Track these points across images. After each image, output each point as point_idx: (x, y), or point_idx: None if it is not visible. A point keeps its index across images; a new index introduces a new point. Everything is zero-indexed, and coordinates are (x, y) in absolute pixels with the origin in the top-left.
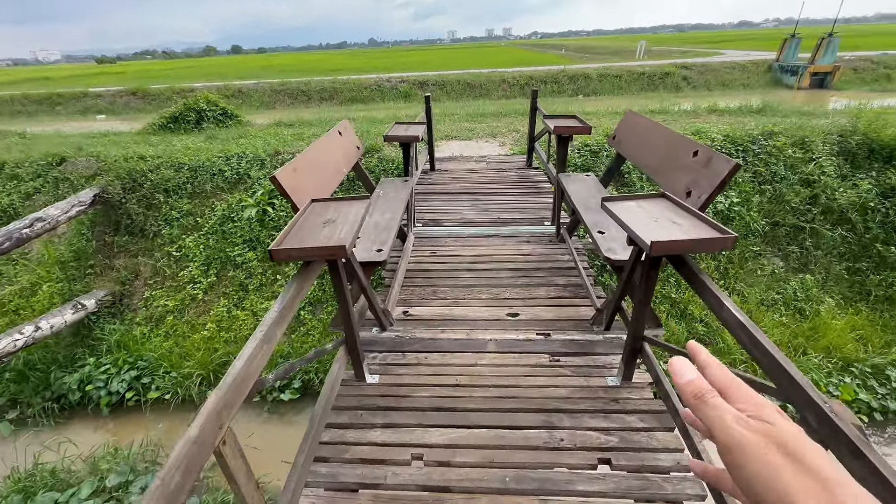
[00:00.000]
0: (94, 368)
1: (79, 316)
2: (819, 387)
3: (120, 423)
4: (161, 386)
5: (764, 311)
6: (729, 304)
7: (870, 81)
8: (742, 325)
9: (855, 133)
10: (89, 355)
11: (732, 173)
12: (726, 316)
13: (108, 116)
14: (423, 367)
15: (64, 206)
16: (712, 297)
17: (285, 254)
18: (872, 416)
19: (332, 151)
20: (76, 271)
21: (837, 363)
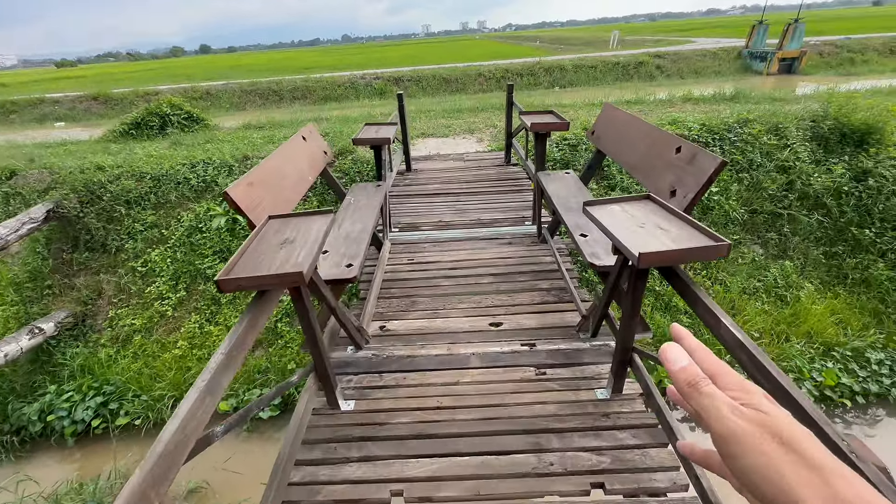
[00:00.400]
0: (56, 396)
1: (36, 341)
2: (803, 373)
3: (86, 453)
4: (130, 411)
5: (746, 300)
6: (726, 320)
7: (835, 65)
8: (742, 345)
9: (826, 118)
10: (50, 382)
11: (718, 171)
12: (724, 334)
13: (67, 123)
14: (401, 389)
15: (13, 225)
16: (707, 312)
17: (234, 284)
18: (855, 400)
19: (295, 159)
20: (32, 293)
21: (819, 348)
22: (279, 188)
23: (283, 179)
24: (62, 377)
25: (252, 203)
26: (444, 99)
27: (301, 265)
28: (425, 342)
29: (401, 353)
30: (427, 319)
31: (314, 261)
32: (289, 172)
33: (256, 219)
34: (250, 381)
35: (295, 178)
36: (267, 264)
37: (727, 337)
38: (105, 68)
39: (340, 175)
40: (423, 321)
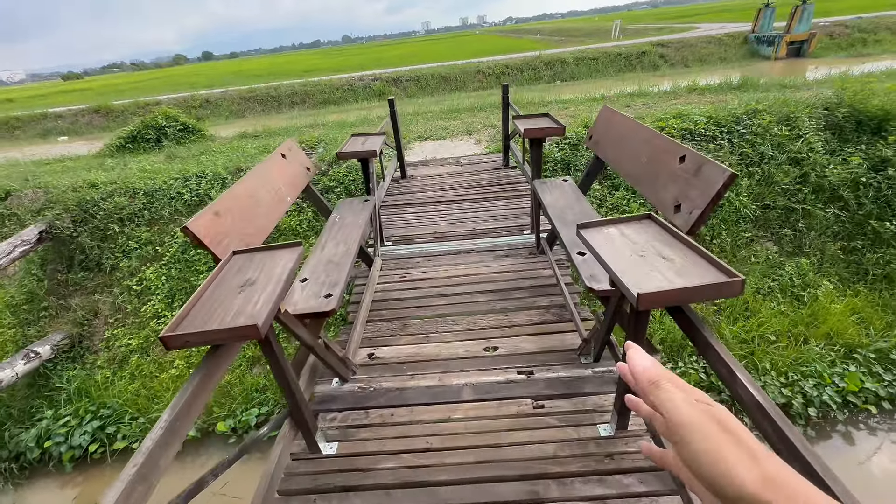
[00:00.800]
0: (53, 422)
1: (32, 366)
2: (823, 378)
3: (86, 478)
4: (128, 434)
5: (761, 301)
6: (743, 375)
7: (846, 47)
8: (761, 409)
9: (841, 105)
10: (47, 407)
11: (727, 185)
12: (740, 392)
13: (70, 137)
14: (388, 429)
15: (4, 248)
16: (719, 362)
17: (181, 341)
18: (880, 406)
19: (271, 180)
20: (29, 315)
21: (840, 350)
22: (251, 215)
23: (256, 205)
24: (59, 401)
25: (218, 236)
26: (443, 98)
27: (257, 316)
28: (415, 371)
29: (389, 384)
30: (418, 345)
31: (273, 308)
32: (263, 196)
33: (223, 253)
34: (248, 401)
35: (271, 201)
36: (221, 314)
37: (744, 397)
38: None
39: (335, 184)
40: (415, 347)
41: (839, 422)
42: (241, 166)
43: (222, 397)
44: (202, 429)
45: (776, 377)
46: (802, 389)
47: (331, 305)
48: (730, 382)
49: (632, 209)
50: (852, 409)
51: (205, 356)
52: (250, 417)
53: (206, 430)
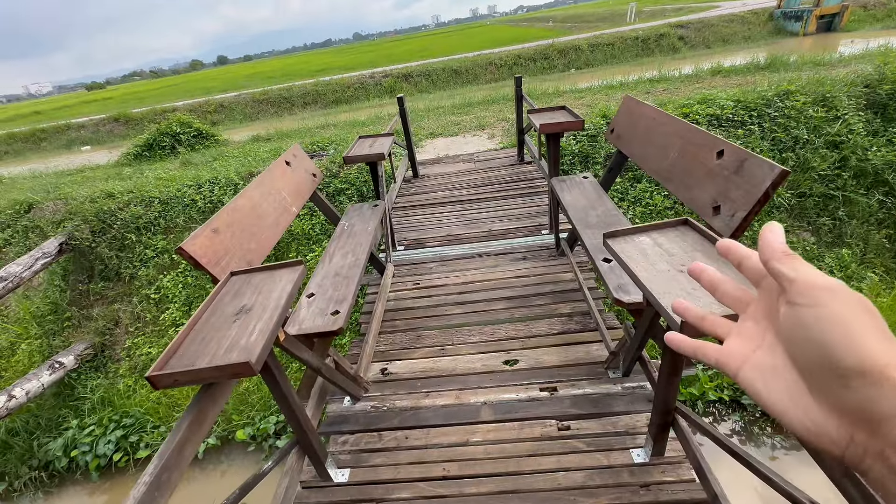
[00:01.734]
0: (79, 431)
1: (57, 376)
2: None
3: (112, 486)
4: (151, 443)
5: None
6: None
7: (882, 18)
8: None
9: (884, 82)
10: (73, 417)
11: (778, 183)
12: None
13: (93, 147)
14: (402, 453)
15: (27, 261)
16: None
17: (170, 380)
18: None
19: (275, 190)
20: (54, 325)
21: None
22: (254, 229)
23: (259, 219)
24: (84, 410)
25: (216, 256)
26: (455, 92)
27: (251, 350)
28: (431, 388)
29: (403, 403)
30: (434, 358)
31: (270, 339)
32: (266, 208)
33: (222, 272)
34: (266, 408)
35: (275, 213)
36: (214, 347)
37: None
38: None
39: (347, 186)
40: (429, 361)
41: None
42: (252, 171)
43: (241, 405)
44: (222, 437)
45: None
46: None
47: (338, 324)
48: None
49: (655, 202)
50: None
51: (196, 394)
52: (269, 426)
53: (226, 438)
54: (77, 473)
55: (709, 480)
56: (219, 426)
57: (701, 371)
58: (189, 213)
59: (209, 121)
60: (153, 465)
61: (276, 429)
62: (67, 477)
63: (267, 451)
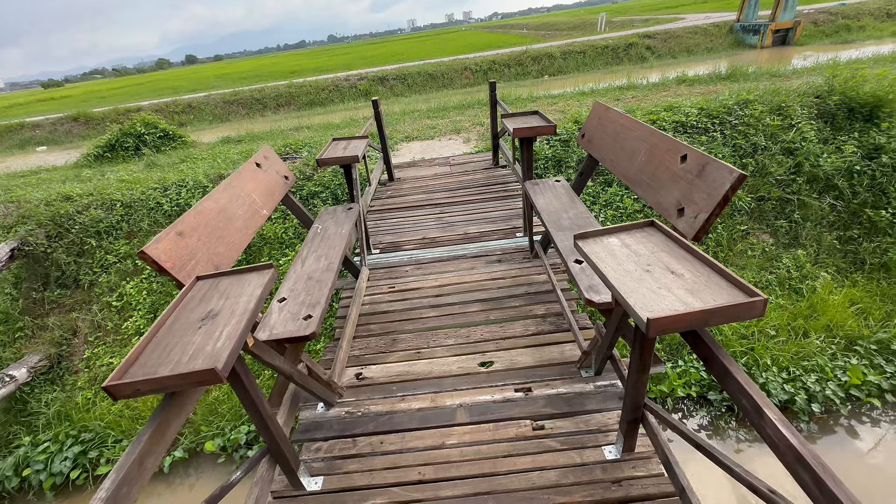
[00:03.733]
0: (31, 448)
1: (7, 390)
2: (825, 372)
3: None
4: (112, 458)
5: None
6: (772, 412)
7: (830, 34)
8: (796, 454)
9: (832, 93)
10: (25, 434)
11: (736, 186)
12: (769, 430)
13: (49, 147)
14: (377, 458)
15: None
16: (742, 394)
17: (130, 389)
18: (884, 398)
19: (243, 193)
20: (4, 336)
21: (840, 342)
22: (223, 232)
23: (227, 222)
24: (38, 426)
25: (181, 260)
26: (431, 96)
27: (217, 357)
28: (406, 392)
29: (378, 408)
30: (409, 362)
31: (237, 345)
32: (235, 211)
33: (188, 277)
34: (237, 417)
35: (244, 216)
36: (177, 354)
37: (776, 438)
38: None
39: (321, 189)
40: (405, 364)
41: (842, 416)
42: (222, 173)
43: (210, 415)
44: (190, 449)
45: (777, 373)
46: (805, 385)
47: (310, 328)
48: (756, 420)
49: (626, 205)
50: (855, 403)
51: (159, 405)
52: (240, 435)
53: (195, 450)
54: (30, 494)
55: (676, 474)
56: (186, 438)
57: (670, 369)
58: (154, 217)
59: (176, 122)
60: (110, 479)
61: (248, 439)
62: (18, 498)
63: (238, 462)
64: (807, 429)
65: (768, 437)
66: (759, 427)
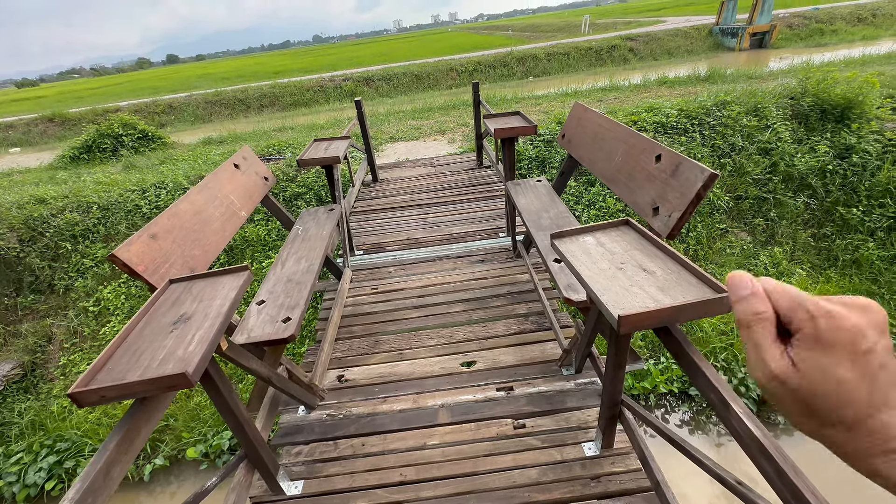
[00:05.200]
0: (4, 460)
1: None
2: None
3: None
4: None
5: None
6: (738, 406)
7: (805, 37)
8: (761, 447)
9: (805, 95)
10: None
11: (708, 185)
12: (735, 424)
13: (23, 149)
14: (359, 461)
15: None
16: (710, 389)
17: (96, 396)
18: None
19: (221, 195)
20: None
21: None
22: (198, 234)
23: (203, 224)
24: (10, 437)
25: (154, 263)
26: (416, 96)
27: (188, 361)
28: (388, 393)
29: (360, 410)
30: (391, 363)
31: (210, 348)
32: (212, 213)
33: (161, 281)
34: (220, 423)
35: (221, 218)
36: (147, 359)
37: (741, 431)
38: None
39: (304, 190)
40: (387, 366)
41: None
42: (203, 174)
43: (192, 421)
44: (171, 456)
45: None
46: None
47: (289, 331)
48: (723, 413)
49: (608, 205)
50: None
51: (128, 411)
52: (222, 441)
53: (176, 457)
54: None
55: (652, 469)
56: (167, 445)
57: (652, 365)
58: (132, 220)
59: (156, 122)
60: (74, 489)
61: (231, 444)
62: None
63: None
64: (784, 422)
65: (734, 430)
66: (726, 420)
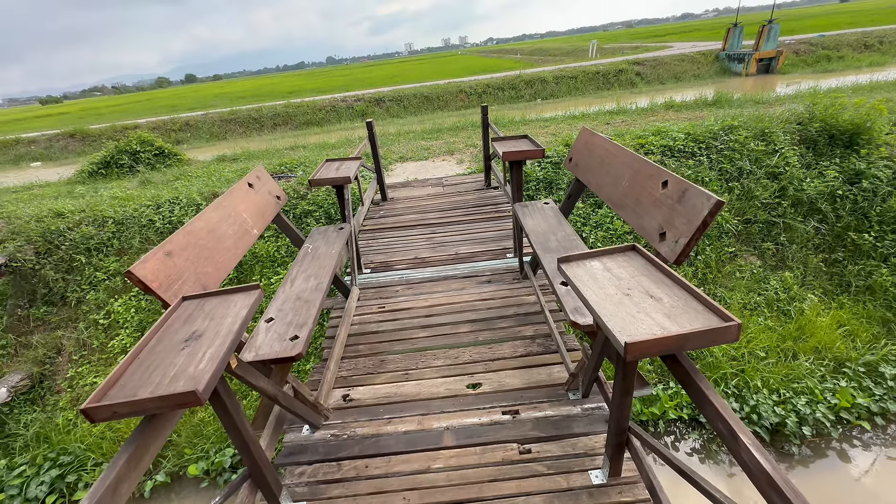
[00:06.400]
0: (7, 472)
1: None
2: (815, 395)
3: None
4: (90, 482)
5: (748, 316)
6: (747, 438)
7: (812, 63)
8: (769, 478)
9: (813, 120)
10: (1, 456)
11: (714, 213)
12: (745, 457)
13: (44, 163)
14: (362, 483)
15: None
16: (718, 419)
17: (108, 412)
18: (873, 421)
19: (234, 213)
20: None
21: (829, 364)
22: (212, 252)
23: (217, 241)
24: (15, 449)
25: (168, 280)
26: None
27: (198, 379)
28: (393, 414)
29: (364, 430)
30: (397, 383)
31: (220, 366)
32: (225, 231)
33: (174, 297)
34: (222, 440)
35: (234, 236)
36: (157, 377)
37: (750, 463)
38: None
39: (315, 208)
40: (393, 386)
41: (833, 439)
42: (216, 191)
43: (195, 437)
44: (172, 472)
45: (768, 395)
46: (795, 407)
47: (297, 350)
48: (731, 444)
49: (615, 227)
50: (846, 426)
51: (137, 427)
52: (224, 458)
53: (177, 474)
54: None
55: (660, 499)
56: (169, 461)
57: (661, 391)
58: (146, 234)
59: (173, 139)
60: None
61: (233, 462)
62: None
63: (221, 486)
64: (798, 452)
65: (743, 462)
66: (735, 451)
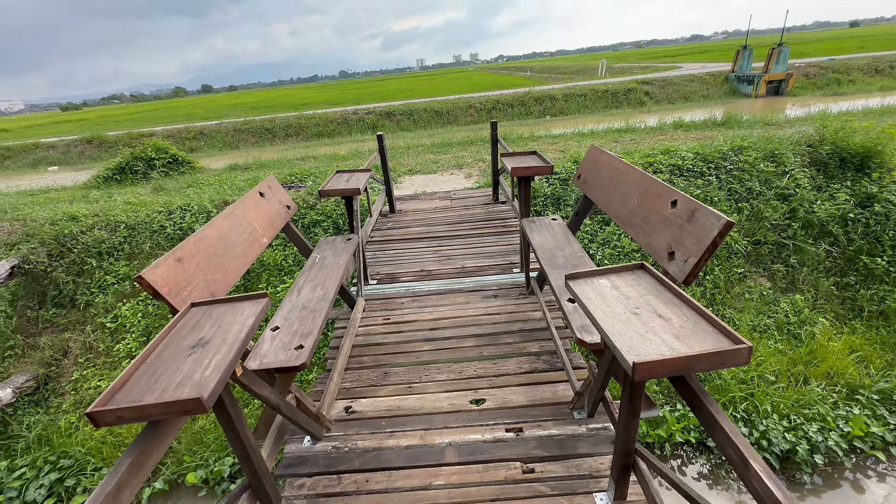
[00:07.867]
0: (7, 474)
1: None
2: (827, 422)
3: None
4: (89, 487)
5: (758, 338)
6: (758, 464)
7: (822, 86)
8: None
9: (824, 142)
10: (2, 458)
11: (724, 233)
12: (755, 485)
13: (61, 168)
14: (361, 498)
15: None
16: (728, 444)
17: (113, 417)
18: (888, 451)
19: (245, 221)
20: None
21: (842, 391)
22: (221, 259)
23: (227, 249)
24: (16, 451)
25: (178, 286)
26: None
27: (203, 386)
28: (395, 428)
29: (366, 444)
30: (400, 396)
31: (226, 374)
32: (235, 238)
33: (184, 304)
34: (222, 449)
35: (244, 244)
36: (164, 382)
37: (761, 491)
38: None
39: (323, 218)
40: (396, 399)
41: (846, 468)
42: (227, 199)
43: (194, 445)
44: (170, 480)
45: (778, 421)
46: (806, 434)
47: (301, 359)
48: (741, 471)
49: (623, 244)
50: (859, 455)
51: (140, 433)
52: (223, 468)
53: (176, 482)
54: None
55: None
56: (168, 468)
57: (668, 413)
58: (156, 240)
59: (187, 147)
60: None
61: (232, 471)
62: None
63: (219, 496)
64: (810, 481)
65: (753, 490)
66: (745, 478)
